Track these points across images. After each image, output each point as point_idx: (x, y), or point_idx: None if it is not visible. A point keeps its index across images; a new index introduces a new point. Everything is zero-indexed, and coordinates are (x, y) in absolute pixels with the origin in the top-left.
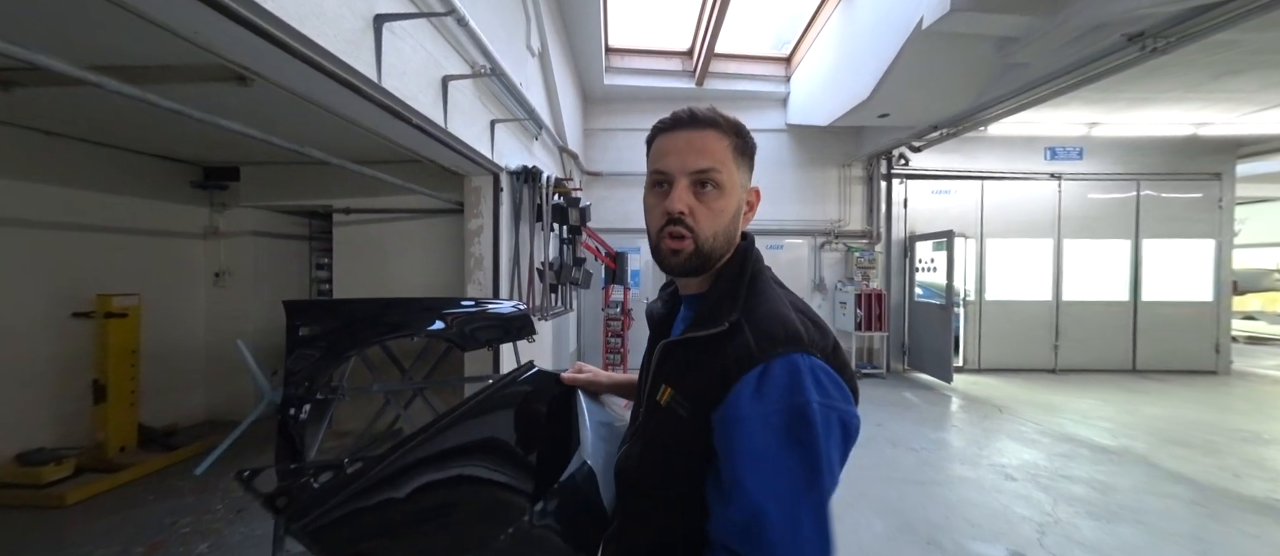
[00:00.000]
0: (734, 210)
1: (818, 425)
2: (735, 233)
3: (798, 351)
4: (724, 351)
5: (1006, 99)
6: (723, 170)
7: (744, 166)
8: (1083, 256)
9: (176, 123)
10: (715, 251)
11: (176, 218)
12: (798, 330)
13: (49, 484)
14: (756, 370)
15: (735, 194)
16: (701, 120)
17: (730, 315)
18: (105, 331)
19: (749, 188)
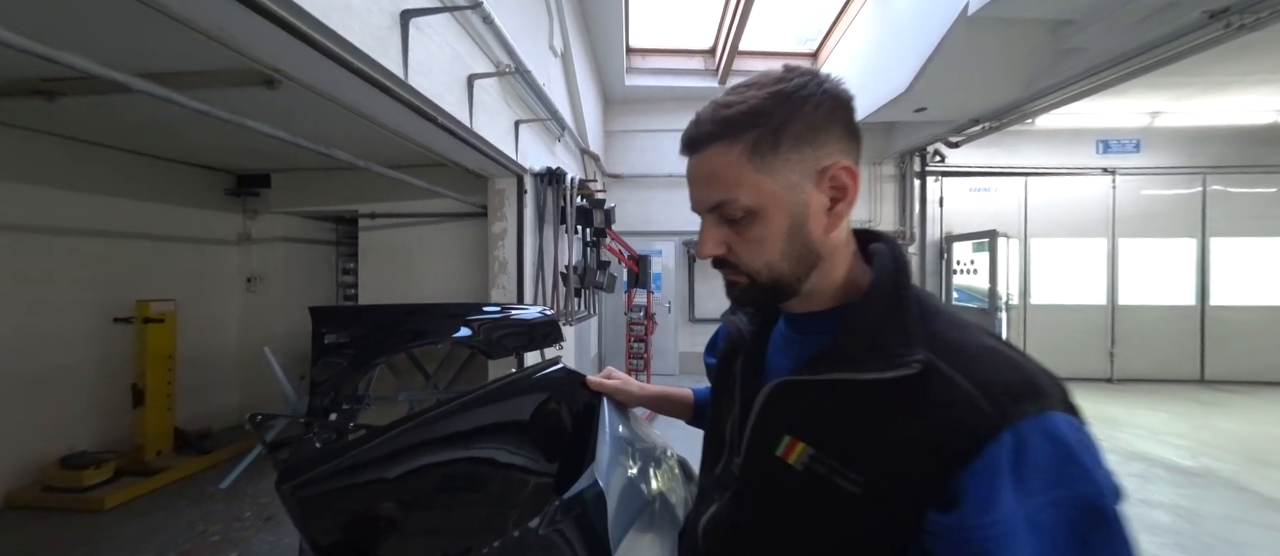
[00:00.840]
0: (786, 227)
1: (1118, 527)
2: (811, 243)
3: (1050, 409)
4: (919, 407)
5: (1060, 88)
6: (741, 191)
7: (784, 158)
8: (1141, 257)
9: (208, 129)
10: (780, 280)
11: (211, 224)
12: (1033, 375)
13: (89, 487)
14: (1003, 443)
15: (779, 207)
16: (697, 140)
17: (908, 351)
18: (143, 336)
19: (820, 170)
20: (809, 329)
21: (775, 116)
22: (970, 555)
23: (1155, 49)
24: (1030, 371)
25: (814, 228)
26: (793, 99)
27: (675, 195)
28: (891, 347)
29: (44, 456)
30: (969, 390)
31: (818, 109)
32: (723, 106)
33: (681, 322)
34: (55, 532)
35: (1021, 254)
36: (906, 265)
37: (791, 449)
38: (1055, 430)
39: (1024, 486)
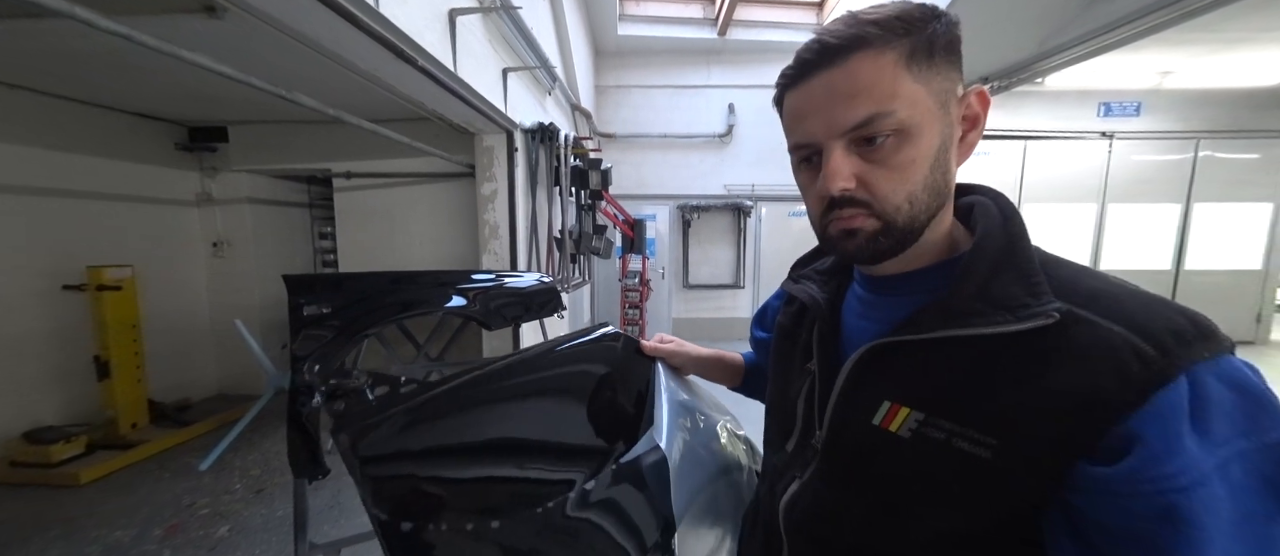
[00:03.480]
0: (934, 150)
1: None
2: (947, 175)
3: (1224, 352)
4: (1064, 357)
5: (1077, 43)
6: (896, 104)
7: (938, 69)
8: (1127, 222)
9: (144, 68)
10: (916, 221)
11: (164, 183)
12: (1199, 317)
13: (61, 462)
14: (1178, 387)
15: (930, 125)
16: (840, 48)
17: (1037, 301)
18: (101, 305)
19: (959, 96)
20: (897, 290)
21: (929, 25)
22: (1149, 509)
23: None
24: (1195, 313)
25: (952, 154)
26: (935, 14)
27: (670, 157)
28: (1015, 299)
29: (7, 430)
30: (1124, 335)
31: (952, 29)
32: (862, 13)
33: (676, 289)
34: (28, 509)
35: None
36: (1017, 213)
37: (893, 415)
38: (1237, 374)
39: (1209, 435)
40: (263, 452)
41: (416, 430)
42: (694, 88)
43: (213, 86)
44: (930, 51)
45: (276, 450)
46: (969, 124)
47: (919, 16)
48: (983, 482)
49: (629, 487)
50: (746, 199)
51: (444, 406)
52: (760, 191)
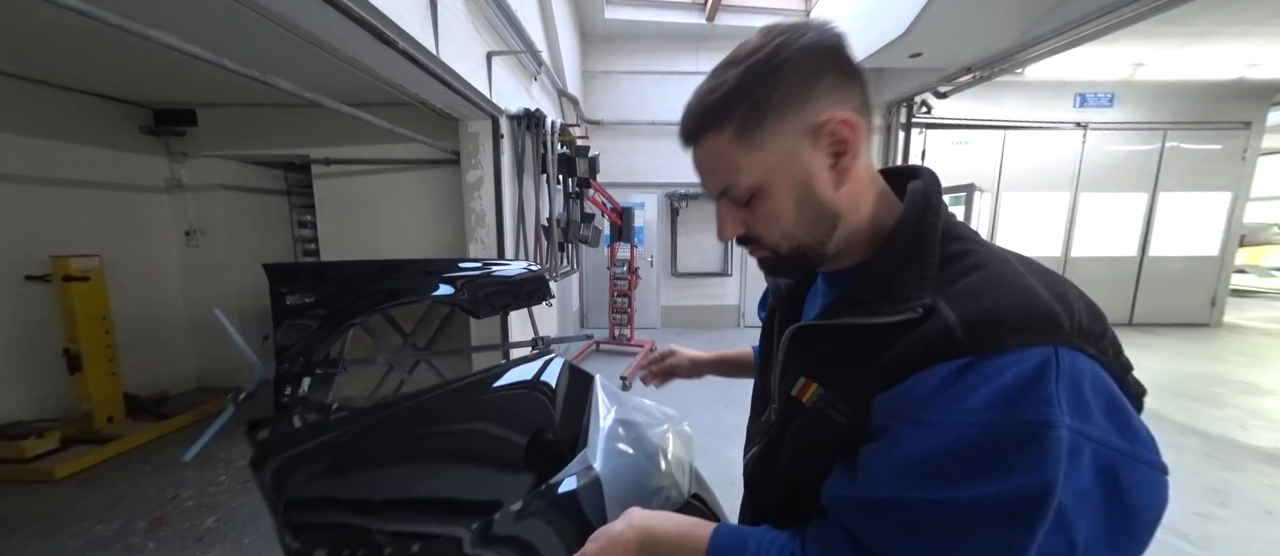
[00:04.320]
0: (792, 196)
1: (1058, 462)
2: (823, 205)
3: (1055, 343)
4: (901, 341)
5: (1057, 34)
6: (739, 175)
7: (772, 130)
8: (1097, 211)
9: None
10: (802, 248)
11: (130, 168)
12: (1050, 308)
13: (35, 457)
14: (957, 363)
15: (780, 179)
16: (687, 135)
17: (918, 297)
18: (68, 296)
19: (813, 129)
20: (836, 282)
21: (754, 92)
22: (895, 413)
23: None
24: (1047, 305)
25: (822, 189)
26: (768, 68)
27: (658, 144)
28: (904, 292)
29: None
30: (952, 322)
31: (798, 70)
32: (705, 94)
33: (664, 277)
34: (6, 505)
35: (992, 208)
36: (934, 205)
37: (805, 389)
38: (1040, 362)
39: (962, 397)
40: (248, 443)
41: (340, 461)
42: (682, 74)
43: (177, 66)
44: (761, 118)
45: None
46: (841, 148)
47: (744, 88)
48: (840, 446)
49: (558, 506)
50: None
51: (374, 434)
52: None
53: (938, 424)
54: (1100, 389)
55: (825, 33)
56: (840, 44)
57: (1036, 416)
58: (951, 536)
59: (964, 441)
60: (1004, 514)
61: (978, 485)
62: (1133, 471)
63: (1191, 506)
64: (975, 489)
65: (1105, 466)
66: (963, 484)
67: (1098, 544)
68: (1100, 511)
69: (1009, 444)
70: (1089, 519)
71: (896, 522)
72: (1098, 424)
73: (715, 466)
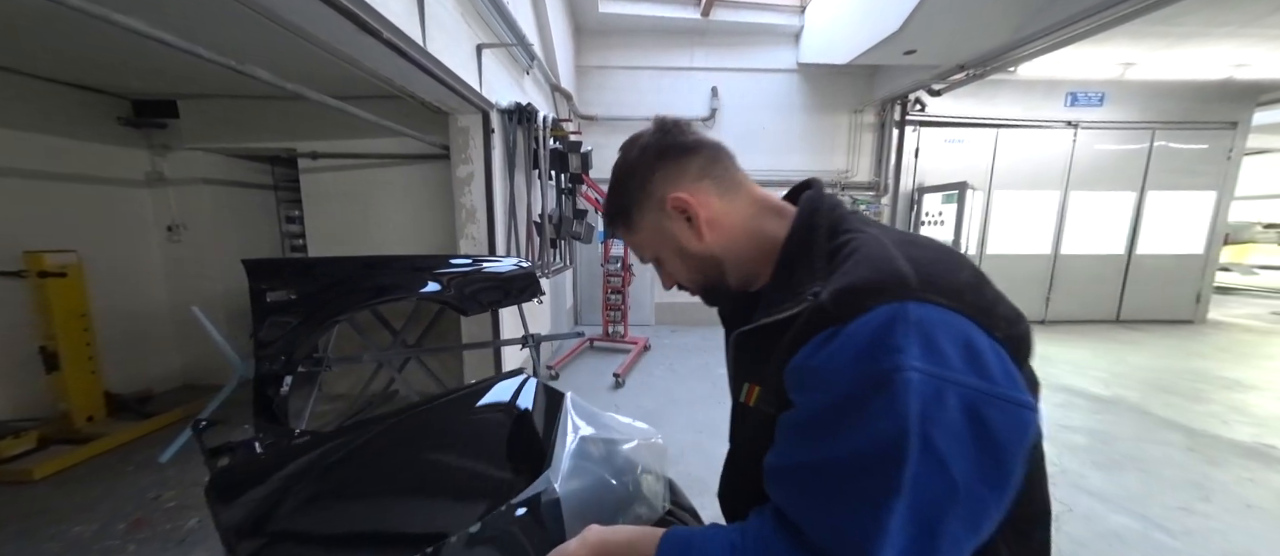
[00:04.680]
0: (674, 253)
1: (909, 402)
2: (698, 254)
3: (900, 299)
4: (797, 324)
5: (1049, 32)
6: (642, 250)
7: (637, 220)
8: (1087, 209)
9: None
10: (706, 284)
11: (109, 161)
12: (900, 270)
13: (11, 458)
14: (825, 333)
15: (661, 245)
16: (610, 226)
17: (810, 288)
18: (44, 293)
19: (661, 207)
20: (763, 297)
21: (617, 201)
22: (785, 401)
23: None
24: (897, 267)
25: (690, 243)
26: (621, 181)
27: None
28: (800, 287)
29: None
30: (823, 300)
31: (635, 174)
32: (609, 197)
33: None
34: None
35: (984, 206)
36: (818, 208)
37: (751, 393)
38: (887, 316)
39: (828, 361)
40: (206, 468)
41: (297, 490)
42: (677, 69)
43: (152, 55)
44: (628, 216)
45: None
46: (687, 212)
47: (611, 205)
48: (773, 433)
49: (517, 527)
50: None
51: (335, 460)
52: None
53: (813, 387)
54: (955, 335)
55: (650, 138)
56: (663, 140)
57: (887, 364)
58: (838, 493)
59: (834, 400)
60: (871, 460)
61: (845, 438)
62: (993, 408)
63: (1173, 499)
64: (844, 442)
65: (968, 406)
66: (835, 440)
67: (974, 481)
68: (972, 449)
69: (867, 394)
70: (963, 458)
71: (797, 487)
72: (955, 367)
73: (711, 467)
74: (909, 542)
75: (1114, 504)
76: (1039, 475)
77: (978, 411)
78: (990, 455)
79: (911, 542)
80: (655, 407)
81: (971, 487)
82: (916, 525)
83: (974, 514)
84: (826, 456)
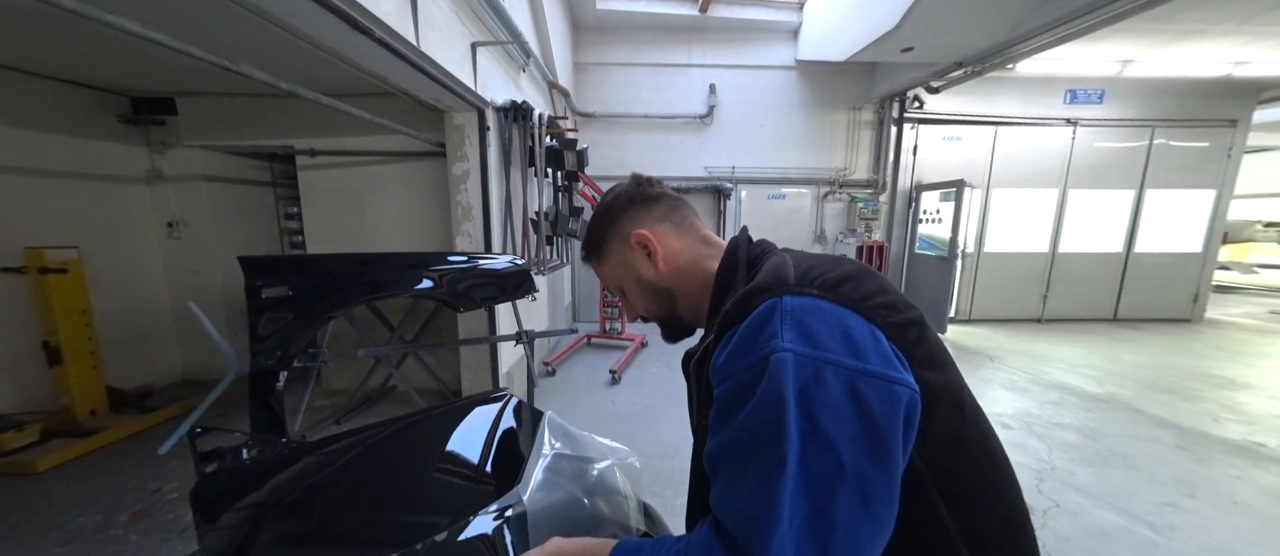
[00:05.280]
0: (635, 284)
1: (785, 380)
2: (654, 283)
3: (780, 294)
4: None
5: (1047, 29)
6: (608, 281)
7: (605, 254)
8: (1085, 207)
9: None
10: (663, 311)
11: (108, 158)
12: (783, 273)
13: (14, 450)
14: (732, 333)
15: (623, 277)
16: (586, 259)
17: (722, 311)
18: (45, 289)
19: (626, 243)
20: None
21: (592, 236)
22: (712, 378)
23: None
24: (781, 272)
25: (648, 274)
26: (597, 220)
27: (650, 137)
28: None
29: None
30: (728, 308)
31: (608, 214)
32: (586, 234)
33: None
34: None
35: (983, 203)
36: (737, 246)
37: (698, 412)
38: (762, 311)
39: (732, 356)
40: (195, 472)
41: (277, 500)
42: (675, 67)
43: (148, 53)
44: (598, 249)
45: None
46: (646, 247)
47: (587, 239)
48: None
49: (481, 539)
50: (727, 181)
51: (317, 471)
52: (741, 173)
53: (718, 382)
54: (829, 320)
55: (625, 187)
56: (635, 189)
57: (765, 348)
58: (738, 476)
59: (730, 390)
60: (758, 438)
61: (738, 421)
62: (868, 385)
63: (1160, 496)
64: (737, 425)
65: (847, 384)
66: (730, 425)
67: (860, 457)
68: (854, 426)
69: (751, 378)
70: (846, 436)
71: (713, 478)
72: (831, 348)
73: None
74: (804, 522)
75: (1100, 500)
76: (987, 476)
77: (856, 388)
78: (870, 431)
79: (805, 522)
80: (651, 404)
81: (858, 464)
82: (810, 503)
83: (863, 493)
84: (725, 441)
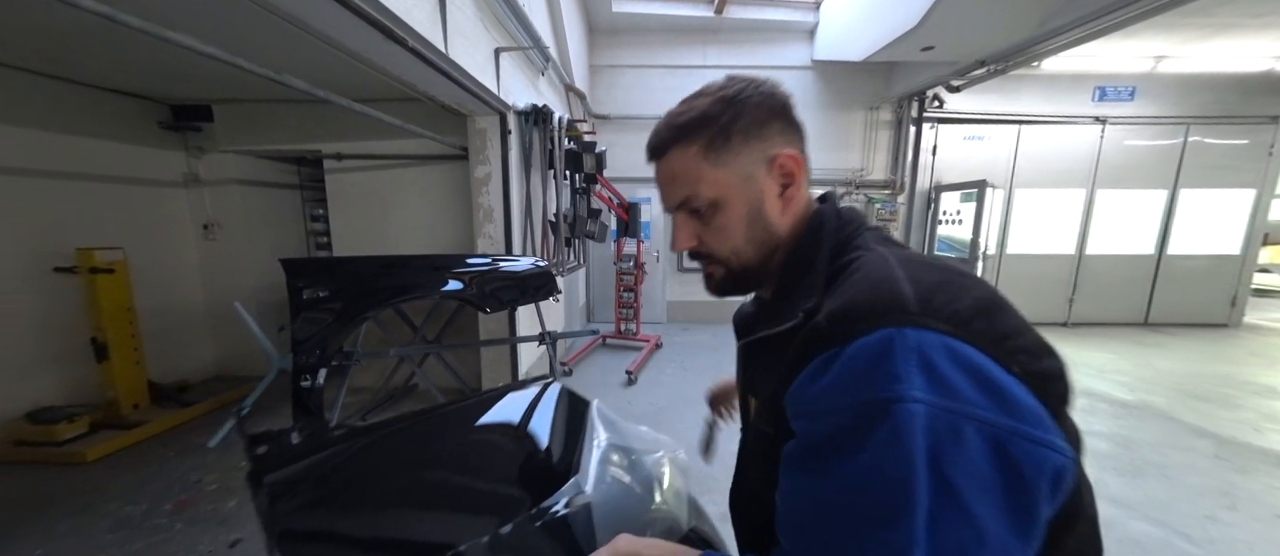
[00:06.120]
0: (745, 213)
1: (913, 437)
2: (770, 226)
3: (899, 324)
4: (794, 343)
5: (1075, 26)
6: (700, 187)
7: (735, 151)
8: (1114, 208)
9: (119, 42)
10: (749, 264)
11: (150, 163)
12: (900, 293)
13: (66, 441)
14: (825, 356)
15: (737, 196)
16: (661, 145)
17: (806, 303)
18: (94, 288)
19: (768, 160)
20: (767, 307)
21: (723, 117)
22: (787, 429)
23: None
24: (897, 290)
25: (770, 212)
26: (736, 101)
27: None
28: (799, 302)
29: (6, 412)
30: (820, 322)
31: (758, 108)
32: (676, 115)
33: (670, 272)
34: (37, 486)
35: (1005, 204)
36: (821, 225)
37: (753, 409)
38: (885, 343)
39: (826, 390)
40: (246, 456)
41: (333, 481)
42: (690, 68)
43: (192, 64)
44: (727, 138)
45: (279, 428)
46: (786, 180)
47: (713, 113)
48: (774, 458)
49: (548, 530)
50: None
51: (369, 454)
52: None
53: (811, 414)
54: (964, 364)
55: (778, 89)
56: (789, 102)
57: (886, 392)
58: (840, 546)
59: (831, 430)
60: (875, 504)
61: (839, 473)
62: (1018, 446)
63: (1199, 508)
64: (839, 479)
65: (993, 443)
66: (827, 477)
67: (1004, 530)
68: (1002, 497)
69: (864, 424)
70: (989, 502)
71: (801, 533)
72: (968, 399)
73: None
74: None
75: (1135, 511)
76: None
77: (1004, 449)
78: (1018, 501)
79: None
80: (667, 404)
81: (1002, 538)
82: None
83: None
84: (821, 497)
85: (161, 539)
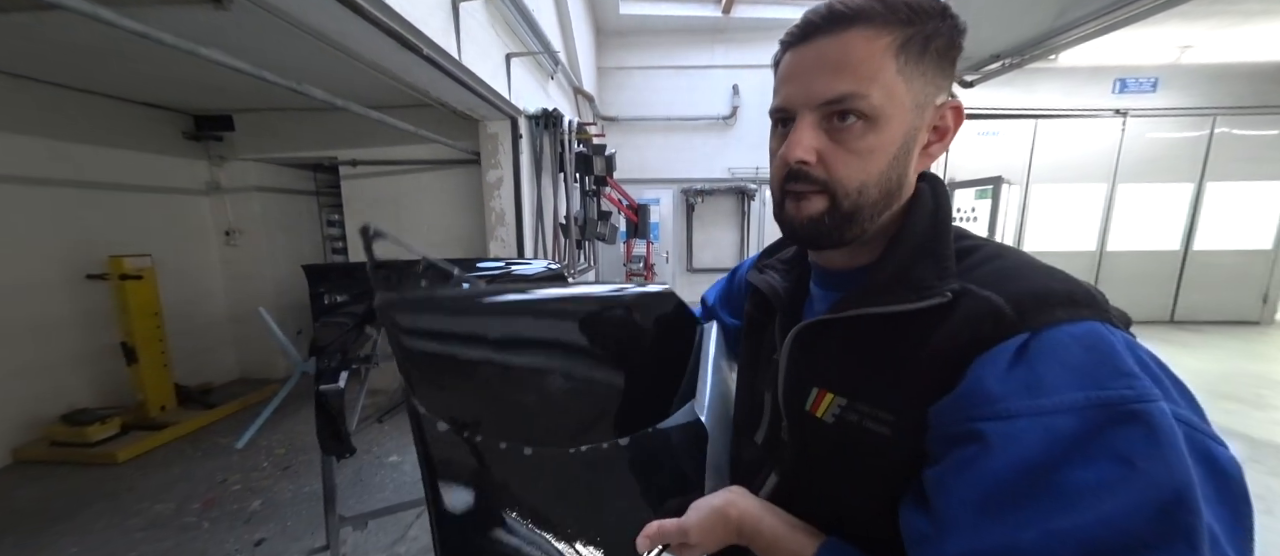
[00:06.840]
0: (897, 147)
1: (1175, 444)
2: (905, 176)
3: (1096, 317)
4: (939, 330)
5: (1096, 16)
6: (873, 88)
7: (923, 70)
8: (1137, 202)
9: (152, 58)
10: (862, 210)
11: (174, 172)
12: (1089, 290)
13: (98, 442)
14: (1016, 341)
15: (899, 120)
16: (845, 16)
17: (942, 283)
18: (123, 294)
19: (939, 104)
20: (842, 284)
21: (930, 22)
22: (954, 432)
23: None
24: (1073, 285)
25: (913, 156)
26: (946, 13)
27: (672, 139)
28: (925, 282)
29: (42, 413)
30: (994, 300)
31: (954, 34)
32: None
33: (680, 272)
34: (71, 486)
35: (1021, 201)
36: (946, 201)
37: (820, 401)
38: (1091, 336)
39: (1039, 382)
40: (285, 432)
41: (462, 331)
42: (697, 68)
43: (216, 75)
44: (924, 48)
45: (299, 430)
46: (937, 135)
47: (926, 10)
48: (886, 459)
49: (660, 453)
50: (750, 182)
51: (492, 312)
52: (764, 174)
53: (1021, 413)
54: (1161, 364)
55: (962, 24)
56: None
57: (1128, 391)
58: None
59: (1058, 437)
60: (1138, 530)
61: (1094, 494)
62: (1226, 459)
63: None
64: (1095, 502)
65: (1203, 454)
66: (1076, 498)
67: (1220, 527)
68: (1229, 516)
69: (1110, 429)
70: (1226, 530)
71: None
72: (1179, 404)
73: None
74: None
75: None
76: None
77: (1215, 462)
78: (1245, 525)
79: None
80: None
81: None
82: None
83: None
84: (1058, 527)
85: (190, 537)
